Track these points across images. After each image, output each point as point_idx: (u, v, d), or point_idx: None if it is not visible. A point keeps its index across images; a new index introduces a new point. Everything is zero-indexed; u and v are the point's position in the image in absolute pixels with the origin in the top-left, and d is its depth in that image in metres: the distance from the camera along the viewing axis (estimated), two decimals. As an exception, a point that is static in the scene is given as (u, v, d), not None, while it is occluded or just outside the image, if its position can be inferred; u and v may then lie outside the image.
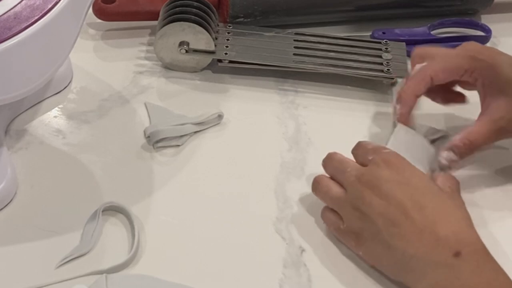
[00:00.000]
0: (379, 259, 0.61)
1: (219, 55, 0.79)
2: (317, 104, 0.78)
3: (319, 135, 0.74)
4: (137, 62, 0.82)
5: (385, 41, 0.82)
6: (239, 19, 0.83)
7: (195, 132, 0.74)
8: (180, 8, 0.78)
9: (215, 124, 0.75)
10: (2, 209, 0.66)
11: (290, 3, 0.83)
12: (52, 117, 0.75)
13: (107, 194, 0.68)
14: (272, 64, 0.79)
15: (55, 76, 0.74)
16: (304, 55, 0.80)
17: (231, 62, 0.79)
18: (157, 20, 0.81)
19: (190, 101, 0.77)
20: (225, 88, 0.79)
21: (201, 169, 0.71)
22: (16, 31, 0.58)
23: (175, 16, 0.78)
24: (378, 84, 0.79)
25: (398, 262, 0.59)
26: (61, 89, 0.78)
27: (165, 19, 0.78)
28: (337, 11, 0.87)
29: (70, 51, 0.63)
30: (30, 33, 0.59)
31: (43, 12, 0.60)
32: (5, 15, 0.59)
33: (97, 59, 0.82)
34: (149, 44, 0.84)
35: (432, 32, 0.85)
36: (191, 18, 0.77)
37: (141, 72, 0.80)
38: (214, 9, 0.81)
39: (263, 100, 0.78)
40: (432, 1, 0.87)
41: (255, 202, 0.68)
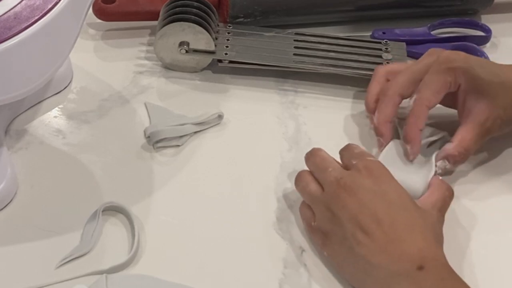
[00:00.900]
0: (342, 264, 0.61)
1: (219, 55, 0.79)
2: (317, 104, 0.78)
3: (319, 135, 0.74)
4: (137, 62, 0.82)
5: (385, 41, 0.82)
6: (239, 19, 0.83)
7: (195, 132, 0.74)
8: (180, 8, 0.78)
9: (215, 124, 0.75)
10: (2, 209, 0.66)
11: (290, 3, 0.83)
12: (52, 117, 0.75)
13: (107, 194, 0.68)
14: (272, 64, 0.79)
15: (55, 76, 0.74)
16: (304, 55, 0.80)
17: (231, 62, 0.79)
18: (157, 20, 0.81)
19: (190, 101, 0.77)
20: (225, 88, 0.79)
21: (201, 169, 0.71)
22: (16, 31, 0.58)
23: (175, 16, 0.78)
24: (378, 84, 0.79)
25: (361, 270, 0.59)
26: (61, 89, 0.78)
27: (165, 19, 0.78)
28: (337, 11, 0.87)
29: (70, 51, 0.63)
30: (30, 33, 0.59)
31: (43, 12, 0.60)
32: (5, 15, 0.59)
33: (97, 59, 0.82)
34: (149, 44, 0.84)
35: (432, 32, 0.85)
36: (191, 18, 0.77)
37: (141, 72, 0.80)
38: (214, 9, 0.81)
39: (263, 100, 0.78)
40: (432, 1, 0.87)
41: (255, 202, 0.68)
